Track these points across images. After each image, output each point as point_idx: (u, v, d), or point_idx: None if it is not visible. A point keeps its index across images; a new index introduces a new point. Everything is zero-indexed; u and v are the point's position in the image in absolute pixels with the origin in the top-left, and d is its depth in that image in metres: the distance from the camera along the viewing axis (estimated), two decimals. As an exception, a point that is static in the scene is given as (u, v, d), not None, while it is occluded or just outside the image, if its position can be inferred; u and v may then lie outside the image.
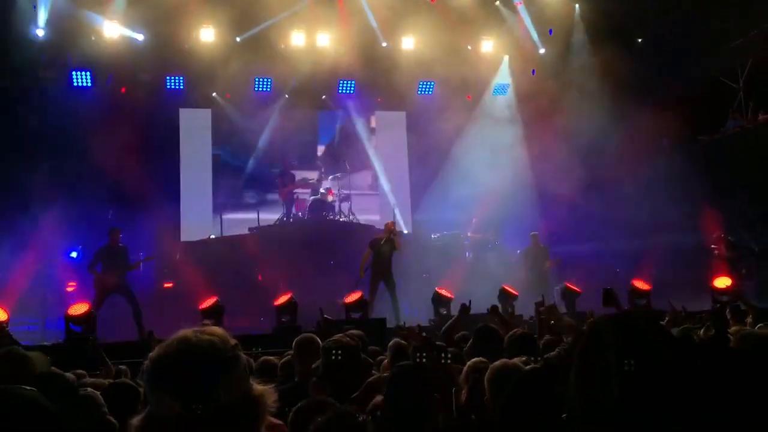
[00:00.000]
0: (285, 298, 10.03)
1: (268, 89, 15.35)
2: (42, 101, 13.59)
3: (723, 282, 10.85)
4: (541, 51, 15.89)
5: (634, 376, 1.57)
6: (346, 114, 16.39)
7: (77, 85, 14.23)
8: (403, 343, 5.17)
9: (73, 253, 13.31)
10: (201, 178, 15.49)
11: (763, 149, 12.84)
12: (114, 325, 10.40)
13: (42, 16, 13.27)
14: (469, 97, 16.57)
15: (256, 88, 15.26)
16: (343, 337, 4.02)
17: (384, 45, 15.35)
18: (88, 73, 14.19)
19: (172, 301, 12.52)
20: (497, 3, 15.59)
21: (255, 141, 15.85)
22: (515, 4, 15.54)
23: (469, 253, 14.99)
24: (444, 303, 10.57)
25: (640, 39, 15.68)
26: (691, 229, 13.61)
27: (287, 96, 15.79)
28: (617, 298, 5.51)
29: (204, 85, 15.19)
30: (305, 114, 16.05)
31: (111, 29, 13.73)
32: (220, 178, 15.74)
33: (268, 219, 14.68)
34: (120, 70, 14.30)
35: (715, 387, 1.59)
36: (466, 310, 6.67)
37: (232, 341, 1.48)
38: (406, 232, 15.58)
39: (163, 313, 11.71)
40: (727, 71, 14.27)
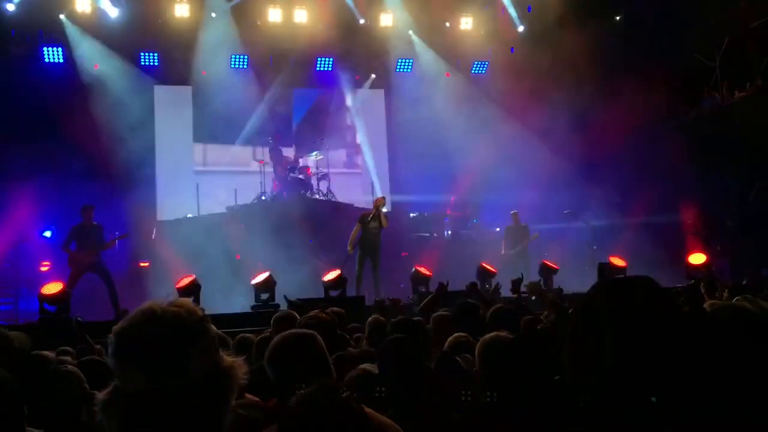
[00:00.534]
0: (263, 277, 9.99)
1: (245, 66, 15.16)
2: (13, 77, 13.29)
3: (698, 258, 10.97)
4: (520, 28, 15.84)
5: (627, 344, 1.54)
6: (324, 91, 16.25)
7: (49, 62, 13.95)
8: (381, 319, 5.18)
9: (47, 232, 13.11)
10: (177, 156, 15.29)
11: (739, 127, 12.95)
12: (89, 305, 10.28)
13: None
14: (448, 74, 16.50)
15: (233, 65, 15.07)
16: (320, 313, 4.00)
17: (362, 22, 15.22)
18: (59, 49, 13.91)
19: (148, 280, 12.42)
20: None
21: (231, 118, 15.67)
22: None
23: (448, 230, 15.02)
24: (423, 281, 10.58)
25: (618, 17, 15.68)
26: (666, 206, 13.75)
27: (264, 73, 15.60)
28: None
29: (179, 62, 14.97)
30: (282, 91, 15.87)
31: (83, 4, 13.45)
32: (197, 156, 15.56)
33: (245, 197, 14.55)
34: (93, 46, 14.03)
35: (698, 359, 1.57)
36: (444, 288, 6.68)
37: (200, 312, 1.43)
38: (385, 210, 15.55)
39: (139, 292, 11.62)
40: (704, 49, 14.33)
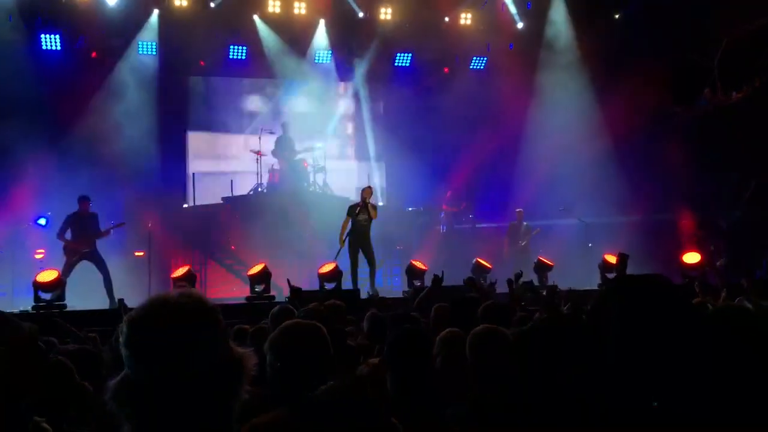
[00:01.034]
0: (259, 268, 10.00)
1: (244, 57, 15.14)
2: (10, 64, 13.20)
3: (692, 258, 11.03)
4: (519, 25, 15.84)
5: (633, 342, 1.56)
6: (321, 83, 16.23)
7: (46, 49, 13.89)
8: (379, 314, 5.19)
9: (42, 220, 13.06)
10: (174, 146, 15.25)
11: (736, 127, 12.99)
12: (84, 293, 10.29)
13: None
14: (446, 69, 16.50)
15: (231, 56, 15.04)
16: (319, 305, 4.02)
17: (361, 15, 15.20)
18: (57, 36, 13.85)
19: (144, 269, 12.42)
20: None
21: (229, 109, 15.67)
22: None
23: (443, 226, 15.05)
24: (418, 274, 10.62)
25: (617, 15, 15.68)
26: (662, 204, 13.80)
27: (262, 64, 15.58)
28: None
29: (177, 52, 14.94)
30: (280, 83, 15.86)
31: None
32: (195, 147, 15.54)
33: (241, 188, 14.54)
34: (90, 34, 13.98)
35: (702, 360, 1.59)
36: (438, 281, 6.69)
37: (211, 302, 1.45)
38: (380, 204, 15.57)
39: (135, 281, 11.62)
40: (702, 49, 14.35)
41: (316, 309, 3.90)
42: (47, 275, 9.21)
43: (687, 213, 13.49)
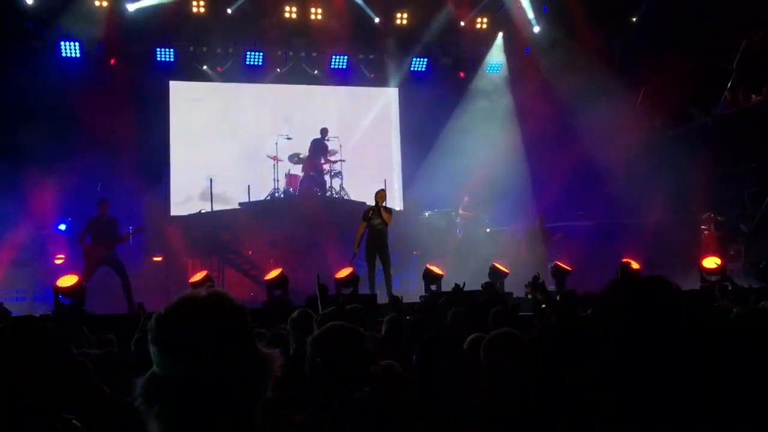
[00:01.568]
0: (276, 273, 10.02)
1: (260, 63, 15.22)
2: (30, 71, 13.37)
3: (712, 262, 10.90)
4: (536, 29, 15.79)
5: (636, 346, 1.55)
6: (338, 89, 16.28)
7: (66, 56, 14.05)
8: (399, 318, 5.19)
9: (62, 225, 13.21)
10: (191, 151, 15.36)
11: (755, 131, 12.86)
12: (103, 298, 10.37)
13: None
14: (462, 74, 16.48)
15: (248, 62, 15.13)
16: (336, 310, 4.02)
17: (377, 21, 15.23)
18: (77, 43, 14.02)
19: (162, 274, 12.49)
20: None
21: (246, 115, 15.75)
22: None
23: (460, 230, 15.01)
24: (435, 279, 10.58)
25: (633, 19, 15.61)
26: (681, 208, 13.68)
27: (279, 70, 15.67)
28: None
29: (194, 58, 15.07)
30: (296, 89, 15.92)
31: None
32: (211, 152, 15.63)
33: (258, 194, 14.59)
34: (109, 41, 14.13)
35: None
36: (459, 290, 6.66)
37: (239, 302, 1.46)
38: (398, 209, 15.58)
39: (153, 286, 11.70)
40: (720, 52, 14.24)
41: (333, 313, 3.91)
42: (67, 280, 9.28)
43: (706, 216, 13.35)
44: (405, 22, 15.35)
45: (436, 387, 2.92)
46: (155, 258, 13.44)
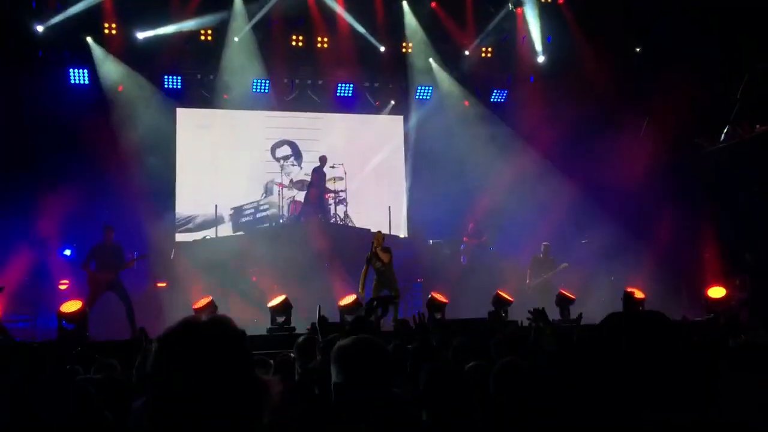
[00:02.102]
0: (279, 300, 10.01)
1: (266, 91, 15.34)
2: (39, 97, 13.51)
3: (717, 292, 10.86)
4: (540, 58, 15.92)
5: (636, 378, 1.54)
6: (344, 117, 16.40)
7: (75, 83, 14.21)
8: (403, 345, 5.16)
9: (67, 251, 13.24)
10: (197, 178, 15.44)
11: (760, 161, 12.88)
12: (106, 323, 10.36)
13: (40, 12, 13.29)
14: (467, 102, 16.59)
15: (254, 89, 15.25)
16: (339, 336, 4.01)
17: (382, 50, 15.39)
18: (85, 70, 14.18)
19: (166, 300, 12.47)
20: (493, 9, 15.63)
21: (252, 142, 15.84)
22: (515, 11, 15.58)
23: (465, 258, 14.99)
24: (439, 307, 10.54)
25: (638, 48, 15.73)
26: (686, 238, 13.65)
27: (285, 98, 15.80)
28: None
29: (201, 86, 15.23)
30: (302, 116, 16.04)
31: (109, 27, 13.75)
32: (217, 178, 15.70)
33: (263, 220, 14.64)
34: (117, 68, 14.29)
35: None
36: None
37: (239, 329, 1.48)
38: (402, 236, 15.58)
39: (156, 312, 11.67)
40: (725, 82, 14.31)
41: (337, 340, 3.89)
42: (71, 305, 9.29)
43: (712, 246, 13.32)
44: (410, 50, 15.52)
45: (443, 415, 2.91)
46: (159, 284, 13.43)
